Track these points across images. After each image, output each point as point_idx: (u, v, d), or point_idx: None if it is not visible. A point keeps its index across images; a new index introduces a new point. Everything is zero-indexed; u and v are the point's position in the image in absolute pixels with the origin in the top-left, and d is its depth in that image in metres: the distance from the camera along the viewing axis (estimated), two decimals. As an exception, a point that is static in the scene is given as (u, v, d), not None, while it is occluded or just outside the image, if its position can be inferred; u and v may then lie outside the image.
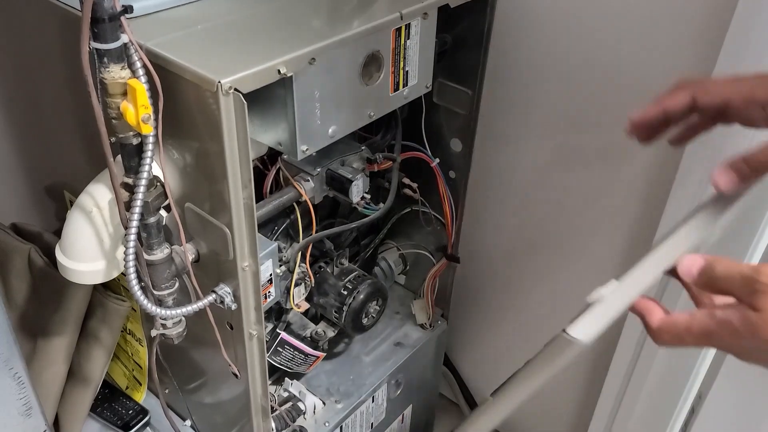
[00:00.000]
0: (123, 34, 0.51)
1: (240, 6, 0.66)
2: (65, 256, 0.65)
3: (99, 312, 0.90)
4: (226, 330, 0.70)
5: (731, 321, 0.40)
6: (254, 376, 0.73)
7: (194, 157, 0.60)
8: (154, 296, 0.64)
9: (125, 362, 1.00)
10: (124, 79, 0.52)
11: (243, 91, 0.53)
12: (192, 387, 0.89)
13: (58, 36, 0.69)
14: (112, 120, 0.53)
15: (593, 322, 0.44)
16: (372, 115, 0.71)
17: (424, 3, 0.69)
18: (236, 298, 0.66)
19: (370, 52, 0.66)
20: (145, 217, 0.59)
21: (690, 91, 0.50)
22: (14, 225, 0.96)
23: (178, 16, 0.63)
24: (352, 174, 0.76)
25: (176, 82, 0.55)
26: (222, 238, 0.61)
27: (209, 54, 0.56)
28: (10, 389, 0.71)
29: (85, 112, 0.54)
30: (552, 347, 0.44)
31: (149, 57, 0.53)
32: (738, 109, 0.49)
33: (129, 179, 0.57)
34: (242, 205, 0.59)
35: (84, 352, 0.92)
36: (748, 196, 0.49)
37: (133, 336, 0.95)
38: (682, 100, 0.51)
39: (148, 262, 0.62)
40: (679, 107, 0.51)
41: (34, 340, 0.90)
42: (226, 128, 0.54)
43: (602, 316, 0.44)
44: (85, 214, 0.63)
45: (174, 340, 0.69)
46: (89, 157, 0.78)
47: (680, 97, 0.51)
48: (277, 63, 0.55)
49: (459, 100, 0.85)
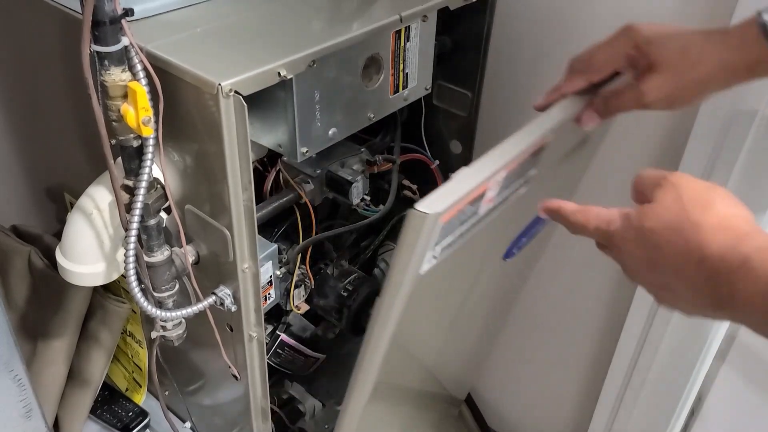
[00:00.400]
0: (124, 36, 0.51)
1: (240, 9, 0.66)
2: (65, 258, 0.65)
3: (99, 314, 0.90)
4: (226, 332, 0.70)
5: (628, 211, 0.44)
6: (254, 378, 0.73)
7: (194, 159, 0.60)
8: (154, 298, 0.64)
9: (125, 364, 1.00)
10: (125, 82, 0.52)
11: (243, 93, 0.53)
12: (192, 389, 0.89)
13: (59, 39, 0.69)
14: (113, 122, 0.54)
15: (439, 198, 0.48)
16: (372, 117, 0.71)
17: (423, 5, 0.69)
18: (236, 300, 0.66)
19: (370, 54, 0.66)
20: (145, 219, 0.59)
21: (583, 76, 0.57)
22: (14, 227, 0.97)
23: (179, 19, 0.63)
24: (352, 176, 0.76)
25: (177, 84, 0.55)
26: (222, 239, 0.61)
27: (209, 56, 0.57)
28: (10, 391, 0.71)
29: (85, 114, 0.54)
30: (407, 226, 0.48)
31: (150, 59, 0.53)
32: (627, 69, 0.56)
33: (129, 181, 0.57)
34: (242, 207, 0.59)
35: (84, 354, 0.92)
36: None
37: (133, 338, 0.95)
38: (578, 85, 0.58)
39: (148, 264, 0.62)
40: (576, 90, 0.58)
41: (34, 342, 0.90)
42: (227, 130, 0.54)
43: (449, 192, 0.49)
44: (85, 216, 0.63)
45: (174, 342, 0.69)
46: (89, 160, 0.78)
47: (576, 83, 0.58)
48: (278, 65, 0.56)
49: (459, 102, 0.86)
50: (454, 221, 0.51)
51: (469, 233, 0.56)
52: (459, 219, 0.52)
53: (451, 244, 0.54)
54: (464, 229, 0.55)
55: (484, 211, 0.56)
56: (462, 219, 0.53)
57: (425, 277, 0.54)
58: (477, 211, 0.55)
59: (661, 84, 0.51)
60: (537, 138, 0.55)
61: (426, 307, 0.63)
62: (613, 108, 0.57)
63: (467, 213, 0.53)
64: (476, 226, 0.57)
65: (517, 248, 0.70)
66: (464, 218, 0.53)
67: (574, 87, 0.58)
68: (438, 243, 0.52)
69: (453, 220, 0.51)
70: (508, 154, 0.53)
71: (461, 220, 0.53)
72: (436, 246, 0.52)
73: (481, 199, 0.53)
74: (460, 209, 0.51)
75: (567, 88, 0.59)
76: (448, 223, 0.50)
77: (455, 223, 0.52)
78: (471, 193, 0.51)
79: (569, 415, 1.14)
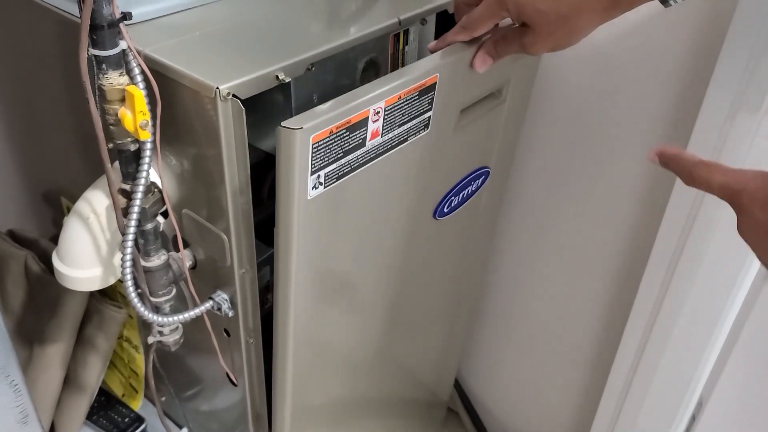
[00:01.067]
0: (122, 40, 0.51)
1: (238, 12, 0.66)
2: (62, 263, 0.65)
3: (95, 319, 0.90)
4: (223, 337, 0.70)
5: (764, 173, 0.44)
6: (252, 384, 0.73)
7: (192, 163, 0.59)
8: (151, 303, 0.63)
9: (121, 369, 1.00)
10: (123, 86, 0.52)
11: (241, 96, 0.53)
12: (189, 394, 0.89)
13: (57, 42, 0.69)
14: (110, 126, 0.53)
15: (307, 116, 0.50)
16: (370, 122, 0.71)
17: (422, 9, 0.69)
18: (233, 304, 0.65)
19: (369, 57, 0.66)
20: (142, 223, 0.59)
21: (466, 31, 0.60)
22: (11, 231, 0.96)
23: (177, 23, 0.63)
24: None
25: (174, 88, 0.55)
26: (219, 244, 0.61)
27: (207, 60, 0.56)
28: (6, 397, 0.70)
29: (82, 118, 0.54)
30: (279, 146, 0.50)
31: (147, 63, 0.53)
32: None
33: (126, 185, 0.57)
34: (240, 211, 0.59)
35: (80, 360, 0.92)
36: None
37: (129, 343, 0.95)
38: (462, 37, 0.61)
39: (145, 269, 0.61)
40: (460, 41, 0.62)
41: (30, 347, 0.90)
42: (224, 134, 0.54)
43: (318, 112, 0.51)
44: (82, 220, 0.63)
45: (171, 348, 0.68)
46: (86, 164, 0.78)
47: (460, 36, 0.61)
48: (276, 69, 0.55)
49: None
50: (331, 145, 0.52)
51: (362, 168, 0.57)
52: (340, 146, 0.53)
53: (339, 175, 0.55)
54: (352, 159, 0.56)
55: (373, 145, 0.57)
56: (345, 148, 0.54)
57: (317, 207, 0.55)
58: (363, 142, 0.56)
59: (538, 39, 0.55)
60: (420, 73, 0.57)
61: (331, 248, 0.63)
62: (503, 51, 0.61)
63: (350, 142, 0.54)
64: (371, 162, 0.58)
65: (448, 207, 0.70)
66: (348, 147, 0.54)
67: (459, 39, 0.61)
68: (321, 168, 0.53)
69: (330, 144, 0.52)
70: (386, 85, 0.55)
71: (344, 149, 0.54)
72: (320, 171, 0.53)
73: (364, 128, 0.55)
74: (333, 132, 0.52)
75: (451, 38, 0.61)
76: (322, 144, 0.51)
77: (336, 150, 0.53)
78: (344, 116, 0.52)
79: (569, 421, 1.13)
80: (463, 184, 0.73)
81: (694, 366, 0.83)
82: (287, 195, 0.52)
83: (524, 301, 1.10)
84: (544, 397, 1.16)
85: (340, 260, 0.66)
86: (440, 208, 0.72)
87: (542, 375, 1.14)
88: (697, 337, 0.81)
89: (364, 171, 0.58)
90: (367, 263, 0.70)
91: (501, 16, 0.57)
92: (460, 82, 0.64)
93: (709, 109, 0.70)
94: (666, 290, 0.81)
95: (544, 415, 1.18)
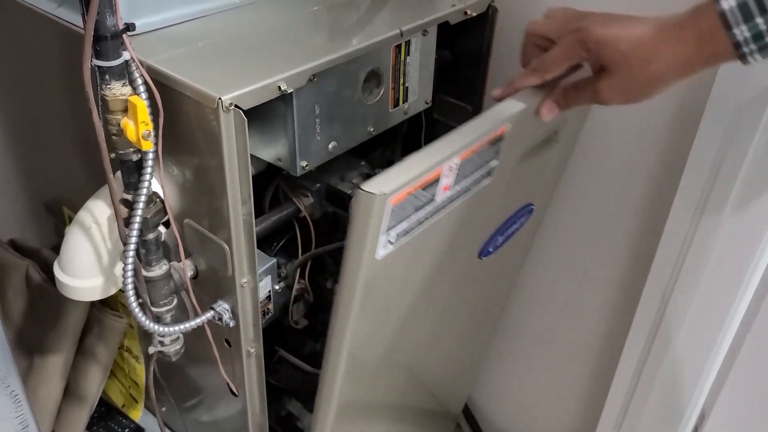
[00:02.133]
0: (125, 51, 0.51)
1: (240, 23, 0.66)
2: (63, 273, 0.65)
3: (96, 329, 0.90)
4: (224, 347, 0.69)
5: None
6: (252, 394, 0.73)
7: (194, 173, 0.60)
8: (152, 313, 0.63)
9: (122, 380, 0.99)
10: (125, 96, 0.52)
11: (243, 107, 0.53)
12: (189, 405, 0.88)
13: (60, 53, 0.70)
14: (113, 136, 0.53)
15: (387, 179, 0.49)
16: (372, 131, 0.71)
17: (424, 20, 0.69)
18: (234, 314, 0.65)
19: (371, 68, 0.66)
20: (143, 233, 0.59)
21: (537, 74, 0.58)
22: (12, 241, 0.96)
23: (180, 34, 0.63)
24: (352, 189, 0.76)
25: (177, 98, 0.55)
26: (221, 254, 0.61)
27: (210, 70, 0.57)
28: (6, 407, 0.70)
29: (85, 128, 0.54)
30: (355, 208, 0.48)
31: (150, 74, 0.53)
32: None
33: (128, 195, 0.57)
34: (241, 221, 0.59)
35: (80, 369, 0.91)
36: None
37: (130, 353, 0.94)
38: (532, 81, 0.59)
39: (146, 279, 0.61)
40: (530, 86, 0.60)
41: (30, 357, 0.89)
42: (226, 144, 0.54)
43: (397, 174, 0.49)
44: (84, 230, 0.63)
45: (172, 358, 0.68)
46: (89, 174, 0.78)
47: (530, 80, 0.59)
48: (278, 79, 0.56)
49: (459, 116, 0.86)
50: (406, 205, 0.51)
51: (428, 221, 0.56)
52: (412, 204, 0.52)
53: (408, 231, 0.54)
54: (421, 215, 0.54)
55: (442, 199, 0.55)
56: (416, 204, 0.53)
57: (383, 265, 0.52)
58: (434, 198, 0.54)
59: (615, 84, 0.52)
60: (492, 126, 0.56)
61: (391, 300, 0.62)
62: (571, 101, 0.58)
63: (422, 199, 0.53)
64: (436, 215, 0.56)
65: (493, 246, 0.69)
66: (419, 204, 0.53)
67: (529, 83, 0.59)
68: (392, 227, 0.51)
69: (405, 204, 0.51)
70: (460, 140, 0.54)
71: (416, 206, 0.53)
72: (390, 231, 0.51)
73: (435, 184, 0.53)
74: (410, 192, 0.50)
75: (520, 83, 0.60)
76: (398, 206, 0.50)
77: (408, 208, 0.52)
78: (421, 176, 0.50)
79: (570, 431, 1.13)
80: (509, 222, 0.71)
81: (696, 378, 0.82)
82: (357, 257, 0.50)
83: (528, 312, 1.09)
84: (544, 408, 1.15)
85: (396, 309, 0.65)
86: (486, 248, 0.69)
87: (543, 386, 1.13)
88: (698, 348, 0.81)
89: (431, 224, 0.56)
90: (420, 308, 0.69)
91: (579, 58, 0.54)
92: (526, 129, 0.62)
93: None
94: (666, 304, 0.81)
95: (544, 428, 1.17)
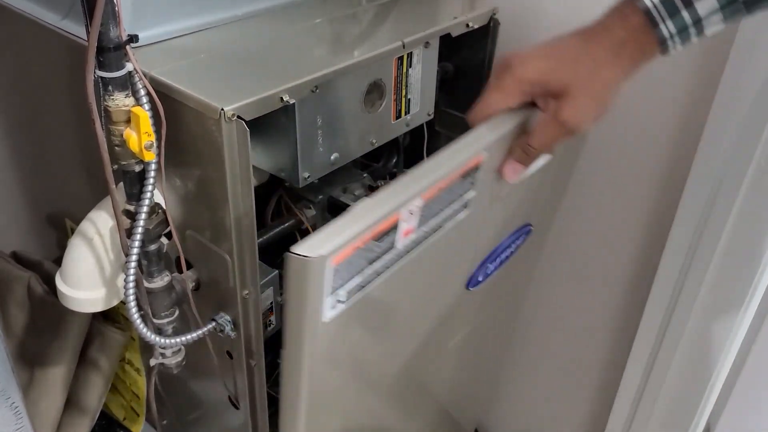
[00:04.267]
0: (128, 62, 0.51)
1: (243, 35, 0.67)
2: (65, 284, 0.65)
3: (97, 341, 0.89)
4: (225, 359, 0.69)
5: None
6: (254, 407, 0.72)
7: (196, 184, 0.60)
8: (154, 325, 0.63)
9: (123, 392, 0.99)
10: (128, 107, 0.52)
11: (245, 118, 0.53)
12: (191, 418, 0.88)
13: (62, 64, 0.70)
14: (115, 147, 0.53)
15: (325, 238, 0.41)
16: (374, 143, 0.71)
17: (426, 32, 0.69)
18: (236, 326, 0.65)
19: (373, 80, 0.67)
20: (146, 244, 0.58)
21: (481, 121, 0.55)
22: (14, 253, 0.96)
23: (183, 45, 0.63)
24: (354, 201, 0.76)
25: (179, 109, 0.55)
26: (223, 265, 0.61)
27: (212, 82, 0.57)
28: (6, 420, 0.70)
29: (87, 139, 0.54)
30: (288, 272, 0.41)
31: (153, 85, 0.53)
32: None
33: (131, 206, 0.57)
34: (243, 233, 0.59)
35: (81, 382, 0.91)
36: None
37: (131, 365, 0.94)
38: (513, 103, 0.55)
39: (148, 290, 0.61)
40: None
41: (31, 369, 0.89)
42: (228, 155, 0.54)
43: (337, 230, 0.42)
44: (86, 240, 0.63)
45: (173, 370, 0.68)
46: (91, 185, 0.78)
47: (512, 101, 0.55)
48: (280, 91, 0.56)
49: (461, 128, 0.85)
50: (355, 260, 0.43)
51: (391, 269, 0.47)
52: (364, 257, 0.44)
53: (363, 285, 0.45)
54: (380, 266, 0.46)
55: (404, 244, 0.47)
56: (370, 257, 0.44)
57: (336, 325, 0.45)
58: (393, 245, 0.46)
59: (579, 104, 0.50)
60: (463, 158, 0.49)
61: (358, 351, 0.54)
62: (534, 152, 0.54)
63: (377, 250, 0.45)
64: (400, 261, 0.48)
65: (483, 275, 0.64)
66: (374, 256, 0.45)
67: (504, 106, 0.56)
68: (340, 287, 0.43)
69: (353, 260, 0.43)
70: (423, 179, 0.46)
71: (369, 259, 0.44)
72: (339, 290, 0.43)
73: (394, 231, 0.45)
74: (359, 247, 0.42)
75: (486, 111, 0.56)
76: (344, 263, 0.42)
77: (360, 263, 0.44)
78: (370, 228, 0.42)
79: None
80: (500, 248, 0.64)
81: (702, 390, 0.81)
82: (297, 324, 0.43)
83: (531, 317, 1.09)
84: (548, 420, 1.14)
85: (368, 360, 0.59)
86: (474, 278, 0.63)
87: (547, 399, 1.12)
88: (704, 360, 0.80)
89: (393, 272, 0.49)
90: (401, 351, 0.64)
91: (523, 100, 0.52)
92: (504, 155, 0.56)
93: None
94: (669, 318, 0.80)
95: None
